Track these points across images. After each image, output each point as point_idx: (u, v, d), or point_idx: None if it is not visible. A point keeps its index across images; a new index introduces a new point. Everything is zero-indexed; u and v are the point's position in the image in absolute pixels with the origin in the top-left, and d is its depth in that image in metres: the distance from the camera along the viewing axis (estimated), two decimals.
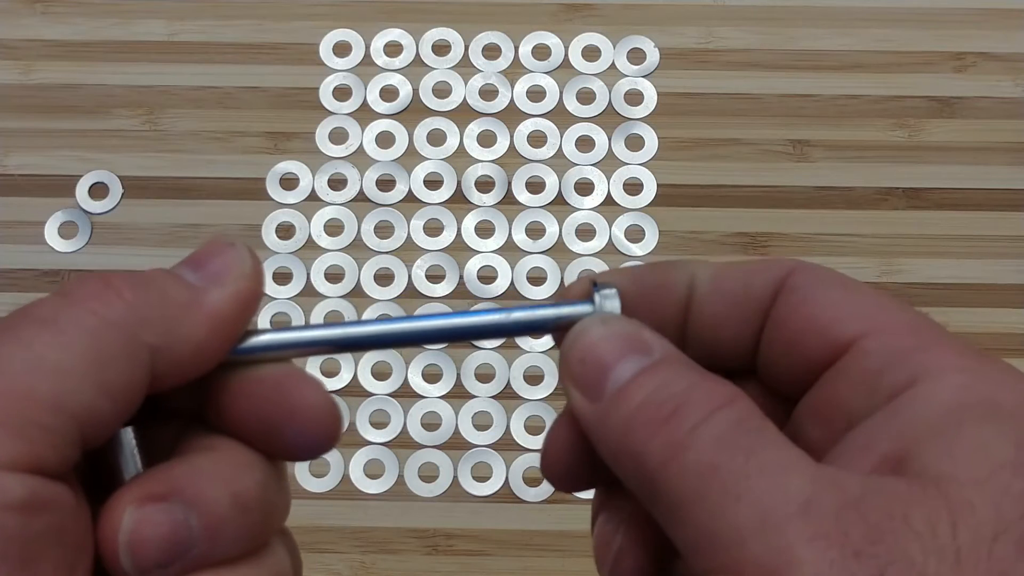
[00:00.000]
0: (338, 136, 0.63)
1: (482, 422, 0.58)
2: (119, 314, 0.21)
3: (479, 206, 0.62)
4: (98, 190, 0.62)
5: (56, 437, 0.20)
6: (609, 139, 0.63)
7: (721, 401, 0.21)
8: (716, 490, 0.20)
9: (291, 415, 0.23)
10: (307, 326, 0.24)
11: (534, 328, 0.24)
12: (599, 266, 0.60)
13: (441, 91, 0.64)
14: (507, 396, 0.58)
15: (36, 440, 0.20)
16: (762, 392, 0.25)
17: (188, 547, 0.21)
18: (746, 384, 0.26)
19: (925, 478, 0.19)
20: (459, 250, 0.61)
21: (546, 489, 0.57)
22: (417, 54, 0.65)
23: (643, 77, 0.64)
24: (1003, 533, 0.18)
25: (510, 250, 0.61)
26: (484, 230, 0.61)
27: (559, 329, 0.24)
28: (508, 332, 0.24)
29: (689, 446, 0.20)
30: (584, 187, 0.62)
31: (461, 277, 0.60)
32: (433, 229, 0.61)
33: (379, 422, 0.58)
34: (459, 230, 0.61)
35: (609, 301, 0.24)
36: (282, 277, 0.61)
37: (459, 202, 0.62)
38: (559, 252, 0.61)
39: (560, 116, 0.63)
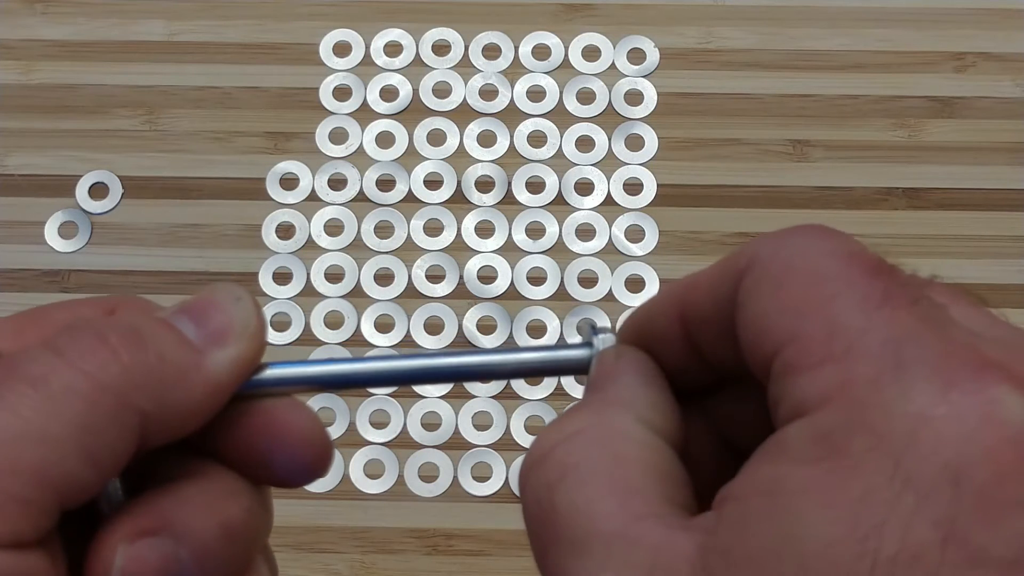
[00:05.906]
0: (338, 136, 0.63)
1: (482, 422, 0.58)
2: (113, 378, 0.20)
3: (479, 206, 0.62)
4: (98, 190, 0.62)
5: (35, 509, 0.20)
6: (609, 139, 0.63)
7: None
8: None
9: (281, 443, 0.23)
10: (305, 362, 0.24)
11: (535, 372, 0.25)
12: (599, 266, 0.60)
13: (441, 91, 0.64)
14: (507, 396, 0.58)
15: (14, 516, 0.19)
16: None
17: None
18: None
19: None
20: (459, 250, 0.61)
21: None
22: (417, 54, 0.65)
23: (643, 77, 0.64)
24: None
25: (510, 250, 0.61)
26: (484, 230, 0.61)
27: (559, 373, 0.25)
28: (512, 374, 0.25)
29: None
30: (584, 187, 0.62)
31: (461, 277, 0.60)
32: (433, 229, 0.61)
33: (379, 422, 0.58)
34: (459, 230, 0.61)
35: (606, 343, 0.24)
36: (282, 277, 0.60)
37: (459, 202, 0.62)
38: (559, 252, 0.61)
39: (560, 116, 0.63)
